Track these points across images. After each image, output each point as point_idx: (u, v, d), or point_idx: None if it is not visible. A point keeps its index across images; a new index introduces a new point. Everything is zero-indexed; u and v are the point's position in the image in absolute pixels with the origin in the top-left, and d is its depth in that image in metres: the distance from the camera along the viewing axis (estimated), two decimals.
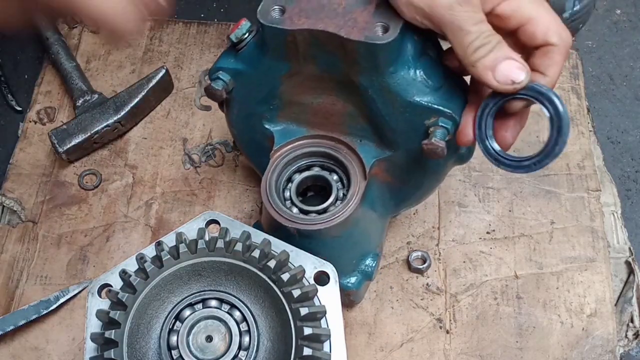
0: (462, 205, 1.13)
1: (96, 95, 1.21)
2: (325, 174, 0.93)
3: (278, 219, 0.88)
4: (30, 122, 1.23)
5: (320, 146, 0.93)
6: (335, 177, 0.93)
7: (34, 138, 1.21)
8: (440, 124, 0.80)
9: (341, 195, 0.91)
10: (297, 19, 0.78)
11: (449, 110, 0.80)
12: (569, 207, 1.13)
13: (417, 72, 0.80)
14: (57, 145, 1.15)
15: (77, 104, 1.20)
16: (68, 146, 1.15)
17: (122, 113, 1.18)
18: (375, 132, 0.89)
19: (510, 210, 1.13)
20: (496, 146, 0.80)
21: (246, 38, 0.85)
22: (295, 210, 0.90)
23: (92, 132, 1.16)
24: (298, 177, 0.93)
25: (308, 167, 0.95)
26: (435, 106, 0.80)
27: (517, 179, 1.16)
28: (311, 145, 0.93)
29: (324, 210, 0.90)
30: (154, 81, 1.21)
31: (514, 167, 0.79)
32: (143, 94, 1.20)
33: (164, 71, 1.22)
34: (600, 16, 1.42)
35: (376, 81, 0.80)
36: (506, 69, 0.72)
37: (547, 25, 0.76)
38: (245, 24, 0.85)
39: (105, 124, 1.17)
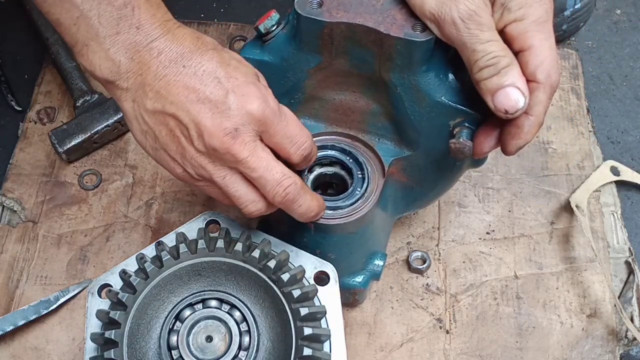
0: (462, 205, 1.13)
1: (96, 95, 1.21)
2: (342, 171, 0.93)
3: None
4: (30, 122, 1.23)
5: (338, 142, 0.93)
6: (351, 174, 0.93)
7: (34, 138, 1.21)
8: (466, 124, 0.82)
9: (357, 192, 0.91)
10: (335, 11, 0.79)
11: (475, 112, 0.82)
12: (569, 208, 1.13)
13: (447, 73, 0.82)
14: (57, 145, 1.15)
15: (77, 104, 1.20)
16: (68, 146, 1.15)
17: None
18: (395, 131, 0.90)
19: (510, 211, 1.13)
20: None
21: (274, 30, 0.85)
22: None
23: (92, 132, 1.16)
24: (315, 172, 0.94)
25: (323, 164, 0.95)
26: (463, 107, 0.81)
27: (517, 179, 1.16)
28: (328, 142, 0.93)
29: (342, 206, 0.90)
30: None
31: None
32: None
33: None
34: (600, 16, 1.41)
35: (407, 79, 0.81)
36: (504, 98, 0.71)
37: (541, 60, 0.72)
38: (274, 15, 0.85)
39: (105, 124, 1.17)
